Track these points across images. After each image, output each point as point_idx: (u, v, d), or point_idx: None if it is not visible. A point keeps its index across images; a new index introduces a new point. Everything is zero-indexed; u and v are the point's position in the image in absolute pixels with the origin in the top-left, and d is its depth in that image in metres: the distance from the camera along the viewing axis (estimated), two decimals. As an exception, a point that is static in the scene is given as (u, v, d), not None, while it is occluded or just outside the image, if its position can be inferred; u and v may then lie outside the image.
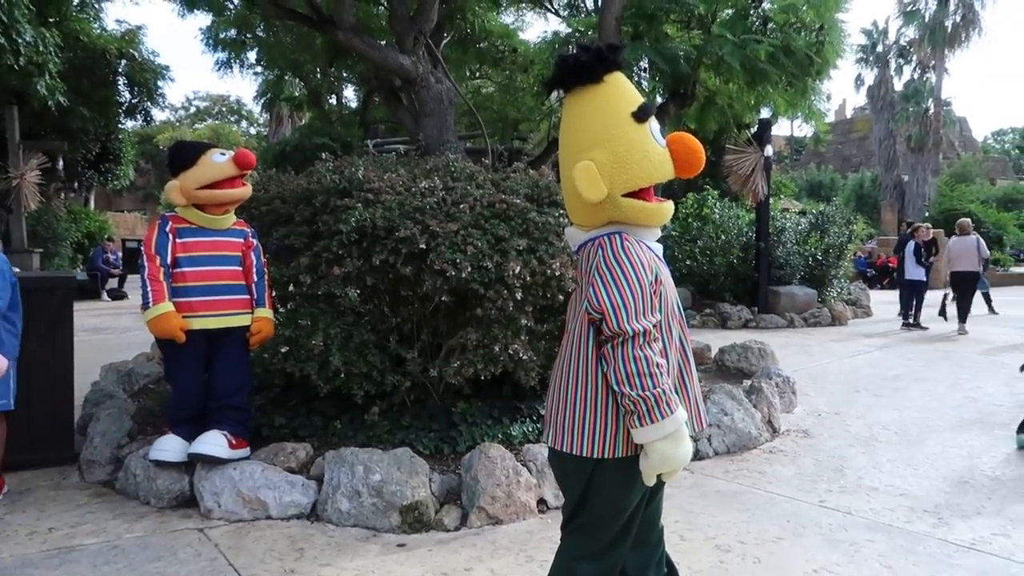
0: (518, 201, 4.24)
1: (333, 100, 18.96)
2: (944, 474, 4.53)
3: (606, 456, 1.98)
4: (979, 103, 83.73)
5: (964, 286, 11.41)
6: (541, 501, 3.81)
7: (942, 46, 31.26)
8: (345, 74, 15.97)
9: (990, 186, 34.60)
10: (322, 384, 4.04)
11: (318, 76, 16.07)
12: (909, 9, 32.02)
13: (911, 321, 11.60)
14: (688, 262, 11.79)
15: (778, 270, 12.10)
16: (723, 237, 12.04)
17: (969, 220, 12.10)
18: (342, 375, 4.00)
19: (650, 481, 1.98)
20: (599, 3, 11.04)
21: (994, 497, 4.13)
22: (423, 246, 3.88)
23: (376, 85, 10.51)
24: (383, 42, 8.87)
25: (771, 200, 12.95)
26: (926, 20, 31.53)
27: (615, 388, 1.90)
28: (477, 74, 15.21)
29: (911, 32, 32.49)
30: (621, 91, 2.07)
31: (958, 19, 30.97)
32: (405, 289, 4.16)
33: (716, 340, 7.63)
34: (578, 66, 2.04)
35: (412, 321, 4.32)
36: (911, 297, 11.72)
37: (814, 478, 4.40)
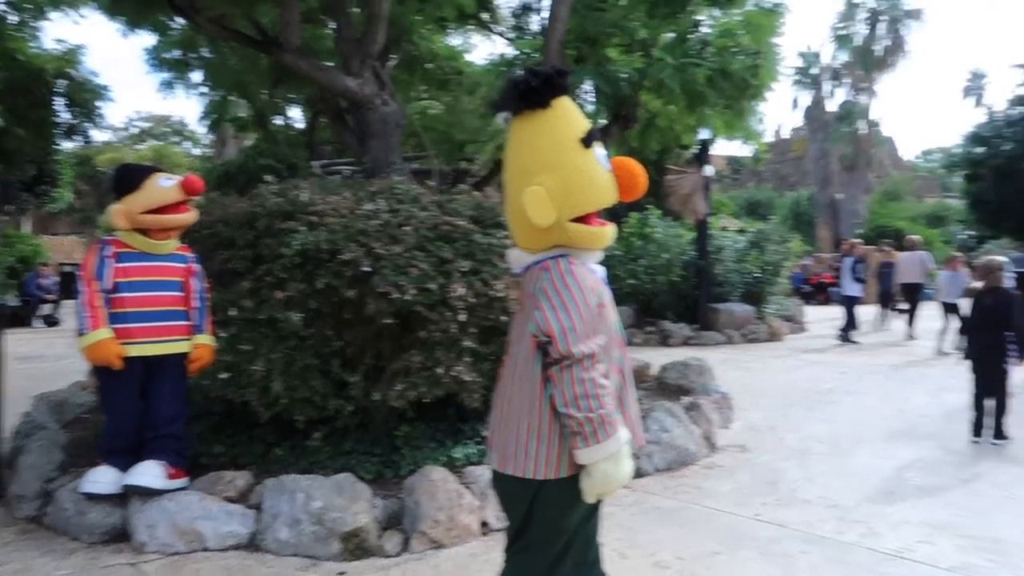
0: (462, 223, 4.29)
1: (279, 121, 18.76)
2: (873, 484, 4.70)
3: (550, 477, 2.03)
4: (907, 124, 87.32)
5: (910, 296, 12.68)
6: (484, 524, 3.83)
7: (872, 69, 32.53)
8: (291, 95, 15.85)
9: (919, 203, 36.03)
10: (263, 410, 4.00)
11: (264, 97, 15.89)
12: (841, 34, 33.24)
13: (848, 336, 12.01)
14: (631, 281, 11.99)
15: (718, 287, 12.39)
16: (665, 256, 12.28)
17: (918, 238, 13.14)
18: (284, 400, 3.97)
19: (591, 500, 2.04)
20: (544, 27, 11.22)
21: (919, 506, 4.31)
22: (367, 269, 3.90)
23: (322, 107, 10.47)
24: (331, 64, 8.86)
25: (711, 219, 13.28)
26: (857, 44, 32.78)
27: (561, 410, 1.95)
28: (424, 95, 15.26)
29: (843, 56, 33.73)
30: (568, 116, 2.11)
31: (887, 43, 32.29)
32: (349, 312, 4.16)
33: (658, 357, 7.78)
34: (528, 90, 2.06)
35: (356, 344, 4.32)
36: (849, 312, 12.14)
37: (750, 492, 4.53)
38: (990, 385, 5.71)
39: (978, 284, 6.03)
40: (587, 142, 2.09)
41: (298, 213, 4.17)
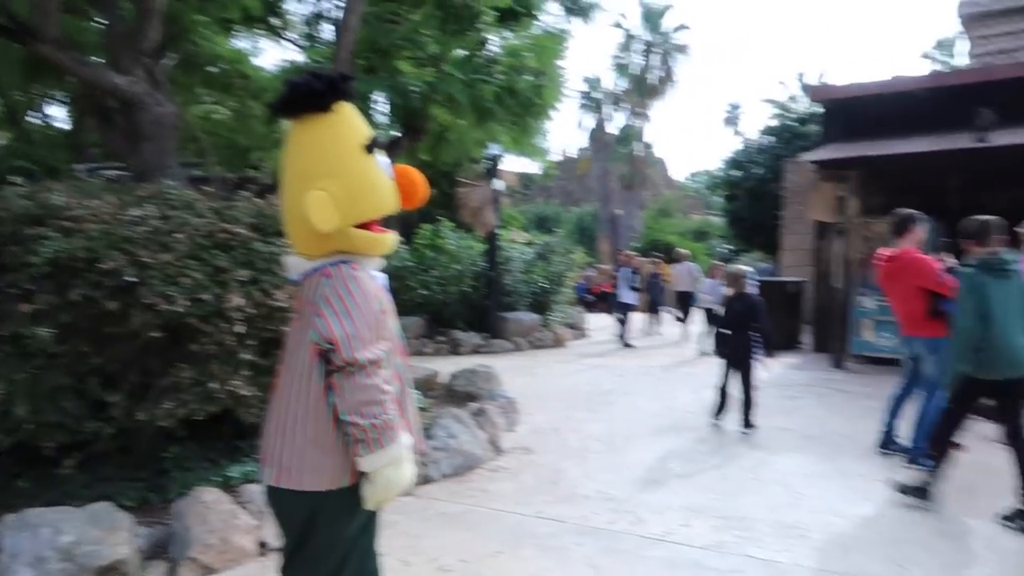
0: (242, 230, 4.10)
1: (37, 119, 16.77)
2: (642, 476, 5.09)
3: (331, 488, 2.00)
4: (677, 147, 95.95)
5: (682, 302, 14.28)
6: (262, 544, 3.67)
7: (647, 96, 35.41)
8: (52, 92, 14.24)
9: (687, 220, 39.62)
10: (3, 437, 3.56)
11: (18, 93, 14.14)
12: (620, 63, 35.85)
13: (625, 341, 12.91)
14: (423, 291, 12.06)
15: (506, 297, 12.81)
16: (456, 267, 12.50)
17: (687, 251, 14.65)
18: (29, 426, 3.56)
19: (372, 507, 2.03)
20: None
21: (680, 492, 4.73)
22: (131, 279, 3.61)
23: (87, 105, 9.53)
24: (98, 59, 8.09)
25: (501, 231, 13.72)
26: (634, 73, 35.51)
27: (344, 418, 1.93)
28: (207, 99, 14.38)
29: (623, 83, 36.37)
30: (351, 122, 2.09)
31: (660, 74, 35.27)
32: (110, 326, 3.82)
33: (448, 366, 7.90)
34: (310, 93, 2.02)
35: (118, 361, 3.97)
36: (625, 319, 13.06)
37: (532, 492, 4.73)
38: (737, 379, 6.41)
39: (729, 291, 6.76)
40: (370, 148, 2.09)
41: (49, 218, 3.78)
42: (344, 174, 2.02)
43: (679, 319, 14.37)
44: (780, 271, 16.34)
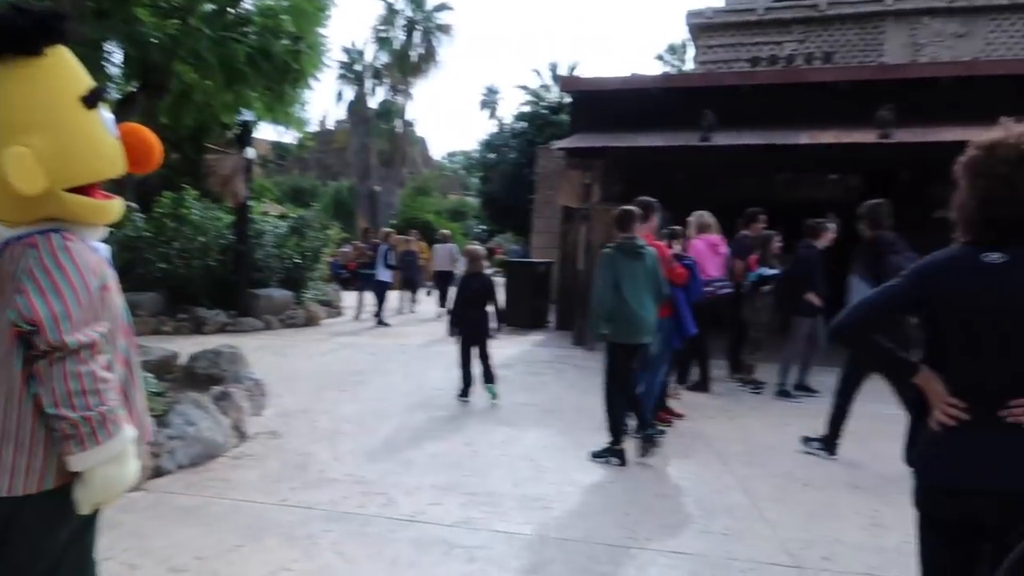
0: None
1: None
2: (394, 457, 5.09)
3: (31, 491, 1.73)
4: (437, 127, 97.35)
5: (441, 281, 14.77)
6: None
7: (408, 73, 35.34)
8: None
9: (444, 199, 40.33)
10: None
11: None
12: (382, 36, 35.38)
13: (380, 319, 12.85)
14: (162, 265, 11.07)
15: (257, 273, 12.17)
16: (201, 239, 11.62)
17: (448, 232, 15.00)
18: None
19: (88, 511, 1.80)
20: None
21: (431, 471, 4.80)
22: None
23: None
24: None
25: (252, 203, 12.97)
26: (396, 48, 35.23)
27: (51, 411, 1.68)
28: None
29: (384, 57, 35.94)
30: (66, 69, 1.82)
31: (422, 51, 35.34)
32: None
33: (190, 346, 7.33)
34: (12, 31, 1.72)
35: None
36: (380, 297, 12.99)
37: (279, 478, 4.54)
38: (477, 354, 6.81)
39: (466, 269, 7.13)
40: (90, 102, 1.83)
41: None
42: (53, 129, 1.76)
43: (439, 299, 14.65)
44: (531, 252, 17.19)
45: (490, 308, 6.86)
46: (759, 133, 10.28)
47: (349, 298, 15.09)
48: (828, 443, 5.38)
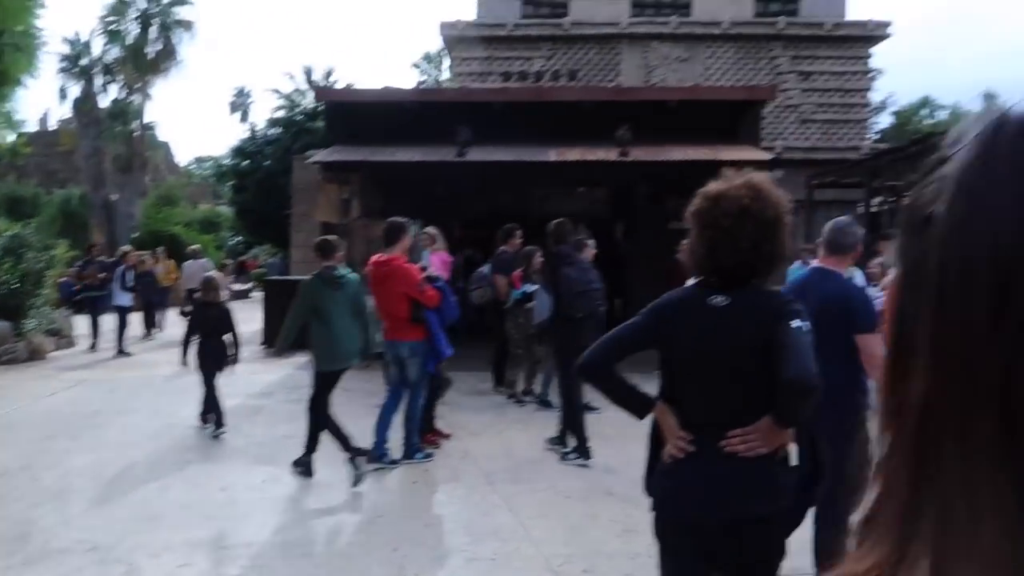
0: None
1: None
2: (137, 513, 4.59)
3: None
4: (182, 130, 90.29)
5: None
6: None
7: (145, 71, 32.35)
8: None
9: (193, 209, 37.44)
10: None
11: None
12: (112, 28, 32.06)
13: (121, 348, 11.58)
14: None
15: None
16: None
17: (199, 247, 14.04)
18: None
19: None
20: None
21: (182, 526, 4.38)
22: None
23: None
24: None
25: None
26: (128, 43, 32.11)
27: None
28: None
29: (116, 52, 32.58)
30: None
31: (159, 48, 32.50)
32: None
33: None
34: None
35: None
36: (120, 323, 11.70)
37: (-10, 558, 3.90)
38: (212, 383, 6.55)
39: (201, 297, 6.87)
40: None
41: None
42: None
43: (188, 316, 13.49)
44: (291, 267, 16.47)
45: (227, 338, 6.61)
46: (512, 149, 10.69)
47: (83, 324, 13.43)
48: (580, 450, 5.68)
